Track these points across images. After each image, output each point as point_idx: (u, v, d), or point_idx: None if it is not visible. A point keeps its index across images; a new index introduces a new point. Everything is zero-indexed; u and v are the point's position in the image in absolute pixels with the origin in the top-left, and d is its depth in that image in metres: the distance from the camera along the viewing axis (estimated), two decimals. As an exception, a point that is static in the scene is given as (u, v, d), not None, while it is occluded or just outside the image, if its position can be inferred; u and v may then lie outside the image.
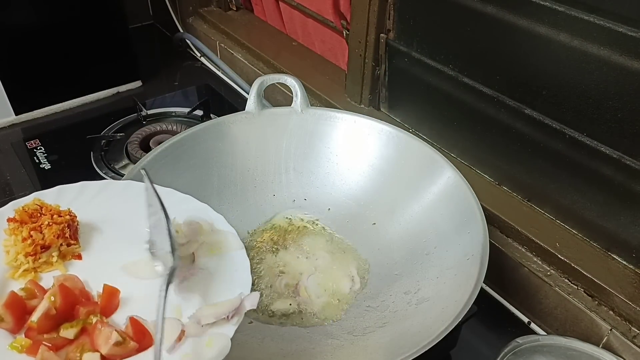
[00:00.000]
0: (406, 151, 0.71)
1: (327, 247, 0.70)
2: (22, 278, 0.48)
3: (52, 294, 0.44)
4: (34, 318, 0.43)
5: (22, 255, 0.48)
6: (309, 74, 0.97)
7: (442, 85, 0.74)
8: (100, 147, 0.92)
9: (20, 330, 0.43)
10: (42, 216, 0.50)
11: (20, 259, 0.48)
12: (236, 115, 0.75)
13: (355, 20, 0.81)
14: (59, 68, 0.98)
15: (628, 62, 0.52)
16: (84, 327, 0.44)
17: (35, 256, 0.49)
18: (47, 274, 0.49)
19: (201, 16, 1.22)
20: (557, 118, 0.61)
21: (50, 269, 0.50)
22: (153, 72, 1.14)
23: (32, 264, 0.48)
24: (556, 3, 0.56)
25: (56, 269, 0.50)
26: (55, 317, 0.43)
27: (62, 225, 0.50)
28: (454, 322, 0.50)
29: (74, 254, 0.51)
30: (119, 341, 0.41)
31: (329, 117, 0.76)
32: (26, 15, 0.91)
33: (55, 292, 0.44)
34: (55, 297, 0.44)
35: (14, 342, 0.42)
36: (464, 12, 0.66)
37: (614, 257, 0.62)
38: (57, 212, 0.51)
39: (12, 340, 0.42)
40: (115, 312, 0.46)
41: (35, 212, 0.50)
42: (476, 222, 0.60)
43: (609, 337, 0.59)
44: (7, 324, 0.43)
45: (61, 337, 0.43)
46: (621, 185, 0.57)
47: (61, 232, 0.50)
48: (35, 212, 0.50)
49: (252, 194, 0.75)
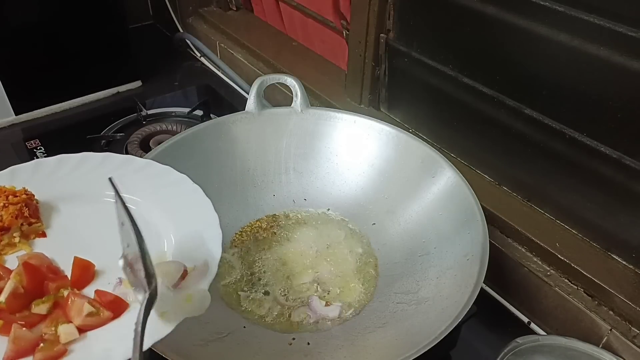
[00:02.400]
0: (406, 151, 0.71)
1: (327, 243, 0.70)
2: None
3: (17, 273, 0.43)
4: (1, 298, 0.42)
5: None
6: (309, 74, 0.97)
7: (442, 85, 0.74)
8: (100, 147, 0.92)
9: None
10: None
11: None
12: (236, 115, 0.75)
13: (355, 20, 0.81)
14: (59, 68, 0.98)
15: (628, 62, 0.52)
16: (56, 301, 0.43)
17: None
18: (11, 256, 0.48)
19: (201, 16, 1.22)
20: (557, 118, 0.61)
21: (14, 250, 0.49)
22: (153, 72, 1.14)
23: None
24: (556, 3, 0.56)
25: (21, 250, 0.49)
26: (24, 295, 0.43)
27: (19, 205, 0.49)
28: (454, 323, 0.50)
29: (38, 232, 0.50)
30: (92, 312, 0.41)
31: (329, 117, 0.76)
32: (26, 15, 0.91)
33: (20, 271, 0.44)
34: (21, 275, 0.43)
35: None
36: (464, 12, 0.66)
37: (614, 257, 0.62)
38: (11, 192, 0.50)
39: None
40: (90, 284, 0.46)
41: None
42: (476, 222, 0.60)
43: (608, 337, 0.59)
44: None
45: (33, 313, 0.42)
46: (621, 185, 0.57)
47: (19, 212, 0.49)
48: None
49: (252, 194, 0.75)
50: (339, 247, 0.69)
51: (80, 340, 0.41)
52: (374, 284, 0.66)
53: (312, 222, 0.74)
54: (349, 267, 0.67)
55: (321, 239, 0.70)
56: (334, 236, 0.71)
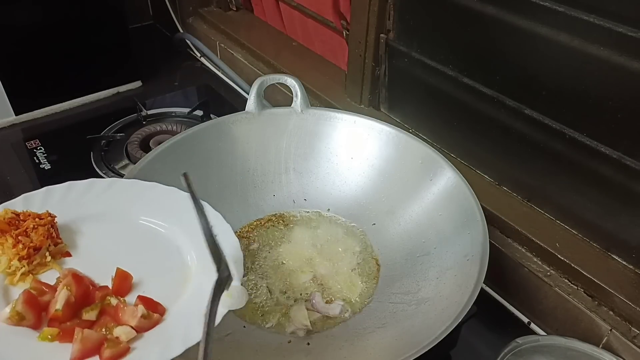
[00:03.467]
0: (406, 151, 0.71)
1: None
2: (20, 282, 0.49)
3: (66, 284, 0.46)
4: (58, 306, 0.44)
5: (16, 260, 0.49)
6: (309, 74, 0.97)
7: (442, 85, 0.74)
8: (100, 147, 0.92)
9: (40, 326, 0.44)
10: (21, 222, 0.51)
11: (14, 264, 0.49)
12: (236, 115, 0.75)
13: (355, 21, 0.81)
14: (59, 68, 0.98)
15: (628, 62, 0.52)
16: (103, 308, 0.46)
17: (29, 259, 0.50)
18: (43, 275, 0.50)
19: (201, 16, 1.22)
20: (557, 118, 0.61)
21: (45, 270, 0.51)
22: (153, 72, 1.14)
23: (27, 267, 0.49)
24: (556, 3, 0.56)
25: (51, 269, 0.51)
26: (74, 304, 0.45)
27: (47, 226, 0.51)
28: (454, 323, 0.50)
29: (63, 252, 0.52)
30: (145, 314, 0.45)
31: (329, 117, 0.76)
32: (26, 15, 0.91)
33: (70, 282, 0.46)
34: (71, 286, 0.46)
35: (42, 334, 0.43)
36: (464, 12, 0.66)
37: (614, 257, 0.62)
38: (36, 215, 0.52)
39: (37, 335, 0.43)
40: (128, 294, 0.48)
41: (12, 220, 0.51)
42: (476, 222, 0.60)
43: (608, 338, 0.59)
44: (29, 321, 0.44)
45: (84, 320, 0.45)
46: (621, 185, 0.57)
47: (48, 233, 0.51)
48: (13, 220, 0.51)
49: (252, 194, 0.75)
50: (339, 247, 0.69)
51: (139, 339, 0.44)
52: (374, 284, 0.66)
53: (312, 222, 0.74)
54: (349, 267, 0.67)
55: (321, 239, 0.70)
56: (334, 236, 0.71)
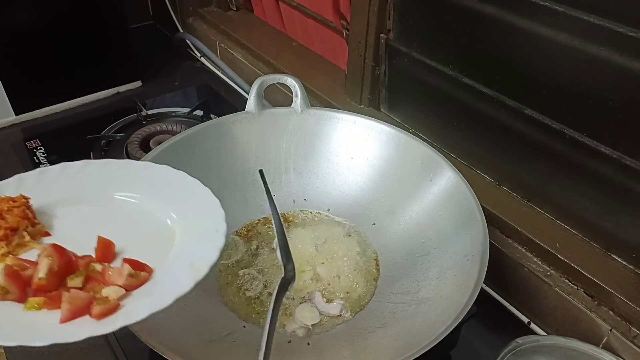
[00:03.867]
0: (406, 151, 0.71)
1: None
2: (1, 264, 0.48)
3: (47, 254, 0.45)
4: (41, 274, 0.44)
5: None
6: (309, 74, 0.97)
7: (442, 85, 0.74)
8: (100, 147, 0.92)
9: (26, 300, 0.44)
10: None
11: None
12: (236, 115, 0.75)
13: (355, 21, 0.81)
14: (59, 68, 0.98)
15: (628, 62, 0.52)
16: (88, 275, 0.46)
17: (7, 240, 0.50)
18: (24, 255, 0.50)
19: (201, 16, 1.22)
20: (557, 118, 0.61)
21: (25, 249, 0.51)
22: (153, 72, 1.14)
23: (6, 247, 0.49)
24: (556, 3, 0.56)
25: (31, 249, 0.51)
26: (58, 272, 0.45)
27: (22, 208, 0.51)
28: (454, 323, 0.50)
29: (42, 232, 0.52)
30: (132, 273, 0.45)
31: (329, 117, 0.76)
32: (26, 15, 0.91)
33: (51, 252, 0.46)
34: (52, 255, 0.45)
35: (28, 304, 0.43)
36: (464, 12, 0.66)
37: (614, 257, 0.62)
38: (9, 198, 0.52)
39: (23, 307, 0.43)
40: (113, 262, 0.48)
41: None
42: (476, 222, 0.60)
43: (608, 338, 0.59)
44: (14, 295, 0.44)
45: (69, 287, 0.45)
46: (621, 185, 0.57)
47: (24, 214, 0.51)
48: None
49: (252, 194, 0.75)
50: (339, 248, 0.69)
51: (128, 297, 0.44)
52: (374, 284, 0.66)
53: (312, 222, 0.74)
54: (349, 267, 0.67)
55: (321, 239, 0.70)
56: (334, 236, 0.70)
